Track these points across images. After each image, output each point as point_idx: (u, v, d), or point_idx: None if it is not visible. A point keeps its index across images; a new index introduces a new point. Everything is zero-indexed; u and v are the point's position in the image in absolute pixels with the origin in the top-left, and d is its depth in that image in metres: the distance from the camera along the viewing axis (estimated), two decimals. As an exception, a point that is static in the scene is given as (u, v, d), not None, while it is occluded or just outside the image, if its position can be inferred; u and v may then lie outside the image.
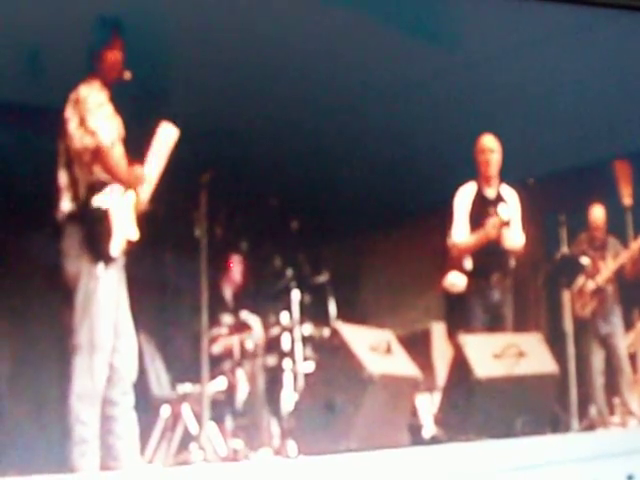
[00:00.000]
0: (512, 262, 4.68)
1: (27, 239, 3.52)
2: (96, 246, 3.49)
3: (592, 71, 4.67)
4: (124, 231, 3.58)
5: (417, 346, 4.41)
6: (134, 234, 3.61)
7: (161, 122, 3.70)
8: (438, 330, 4.59)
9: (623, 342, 5.04)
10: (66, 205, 3.53)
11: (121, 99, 3.66)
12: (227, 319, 4.32)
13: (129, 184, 3.61)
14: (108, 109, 3.60)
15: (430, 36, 4.45)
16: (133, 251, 3.62)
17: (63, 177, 3.55)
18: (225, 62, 3.94)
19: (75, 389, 3.45)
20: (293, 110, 4.12)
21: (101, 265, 3.48)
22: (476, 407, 4.31)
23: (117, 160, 3.61)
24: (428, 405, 4.39)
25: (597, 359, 4.98)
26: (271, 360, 4.34)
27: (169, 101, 3.88)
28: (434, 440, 4.26)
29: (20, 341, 3.57)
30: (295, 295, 4.34)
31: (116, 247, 3.54)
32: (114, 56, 3.62)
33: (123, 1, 3.71)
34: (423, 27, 4.43)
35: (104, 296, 3.49)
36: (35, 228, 3.52)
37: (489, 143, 4.62)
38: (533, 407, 4.40)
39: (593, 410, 4.80)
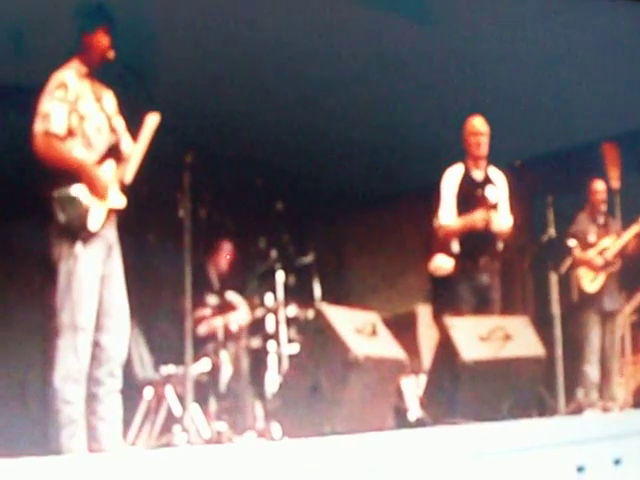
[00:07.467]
0: (500, 245, 4.65)
1: (17, 224, 3.50)
2: (72, 224, 3.43)
3: (581, 54, 4.65)
4: (105, 204, 3.50)
5: (403, 328, 4.39)
6: (119, 203, 3.53)
7: (144, 104, 3.62)
8: (424, 312, 4.57)
9: (620, 321, 5.02)
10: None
11: (103, 81, 3.61)
12: (211, 300, 4.30)
13: (91, 185, 3.51)
14: (71, 92, 3.45)
15: (420, 17, 4.42)
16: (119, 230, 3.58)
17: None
18: (209, 45, 3.91)
19: (59, 369, 3.40)
20: (278, 91, 4.09)
21: (79, 243, 3.42)
22: (462, 390, 4.28)
23: (76, 151, 3.45)
24: (414, 388, 4.38)
25: (595, 337, 4.95)
26: (255, 342, 4.33)
27: (153, 82, 3.84)
28: (419, 423, 4.24)
29: (4, 325, 3.55)
30: (280, 276, 4.32)
31: (95, 221, 3.47)
32: (100, 40, 3.53)
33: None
34: (413, 8, 4.40)
35: (84, 274, 3.43)
36: (24, 212, 3.50)
37: (479, 125, 4.58)
38: (520, 390, 4.38)
39: (580, 393, 4.79)
